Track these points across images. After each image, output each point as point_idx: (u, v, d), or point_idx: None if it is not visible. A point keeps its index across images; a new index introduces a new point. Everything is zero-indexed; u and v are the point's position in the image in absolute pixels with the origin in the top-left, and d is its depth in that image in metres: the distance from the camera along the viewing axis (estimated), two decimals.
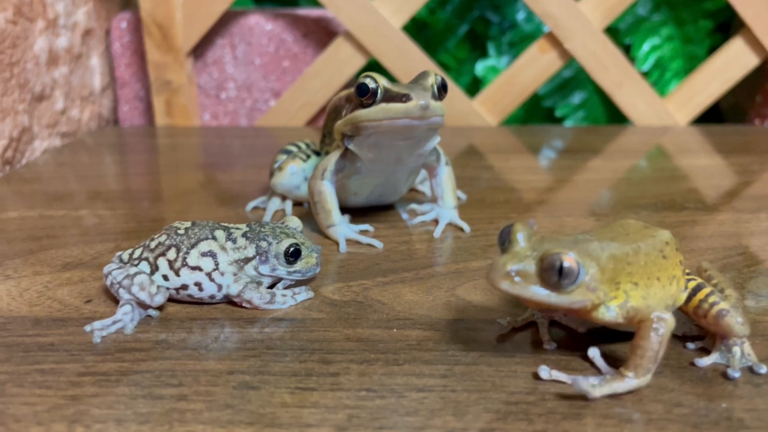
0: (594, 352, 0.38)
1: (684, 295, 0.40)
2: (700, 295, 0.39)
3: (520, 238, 0.36)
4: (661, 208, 0.67)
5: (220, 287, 0.45)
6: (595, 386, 0.35)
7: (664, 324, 0.35)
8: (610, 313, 0.36)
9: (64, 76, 0.96)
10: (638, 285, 0.37)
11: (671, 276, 0.38)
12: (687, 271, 0.41)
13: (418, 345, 0.41)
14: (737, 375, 0.37)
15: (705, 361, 0.38)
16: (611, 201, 0.72)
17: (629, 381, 0.35)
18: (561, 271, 0.34)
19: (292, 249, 0.46)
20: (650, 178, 0.80)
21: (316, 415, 0.35)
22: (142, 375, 0.38)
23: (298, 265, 0.47)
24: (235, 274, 0.46)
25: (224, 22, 1.04)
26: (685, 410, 0.35)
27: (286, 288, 0.48)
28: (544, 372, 0.37)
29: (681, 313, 0.41)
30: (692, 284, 0.40)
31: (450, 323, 0.44)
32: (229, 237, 0.46)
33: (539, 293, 0.35)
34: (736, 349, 0.38)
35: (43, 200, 0.70)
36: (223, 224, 0.48)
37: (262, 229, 0.47)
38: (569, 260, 0.34)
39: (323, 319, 0.45)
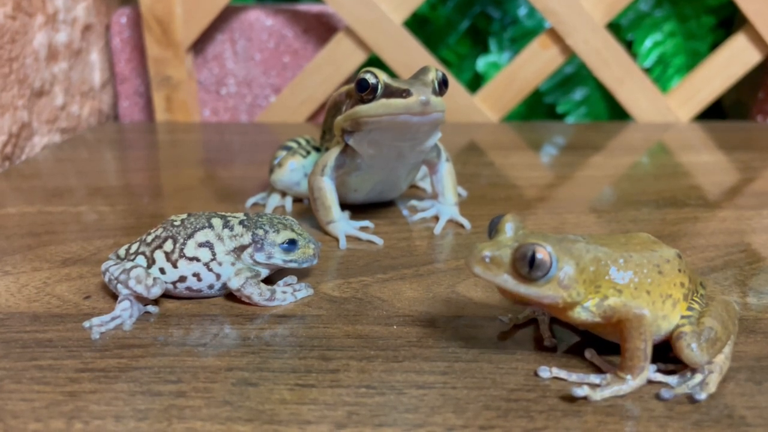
0: (590, 353, 0.38)
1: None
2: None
3: (508, 228, 0.37)
4: (662, 205, 0.67)
5: (218, 276, 0.45)
6: (596, 390, 0.35)
7: (643, 321, 0.35)
8: (586, 312, 0.36)
9: (64, 71, 0.96)
10: (622, 293, 0.36)
11: (665, 294, 0.37)
12: (696, 298, 0.39)
13: (418, 342, 0.41)
14: (668, 396, 0.35)
15: (663, 385, 0.36)
16: (612, 198, 0.71)
17: (629, 383, 0.35)
18: (532, 262, 0.34)
19: (288, 238, 0.46)
20: (652, 174, 0.80)
21: (316, 412, 0.34)
22: (141, 371, 0.38)
23: (295, 254, 0.46)
24: (233, 264, 0.45)
25: (224, 17, 1.04)
26: (687, 408, 0.34)
27: (286, 285, 0.48)
28: (545, 372, 0.37)
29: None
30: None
31: (450, 320, 0.44)
32: (226, 225, 0.46)
33: (508, 281, 0.35)
34: (699, 376, 0.36)
35: (42, 196, 0.70)
36: (220, 213, 0.48)
37: (260, 219, 0.47)
38: (542, 252, 0.34)
39: (323, 316, 0.44)
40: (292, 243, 0.46)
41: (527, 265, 0.34)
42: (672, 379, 0.36)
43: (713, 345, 0.36)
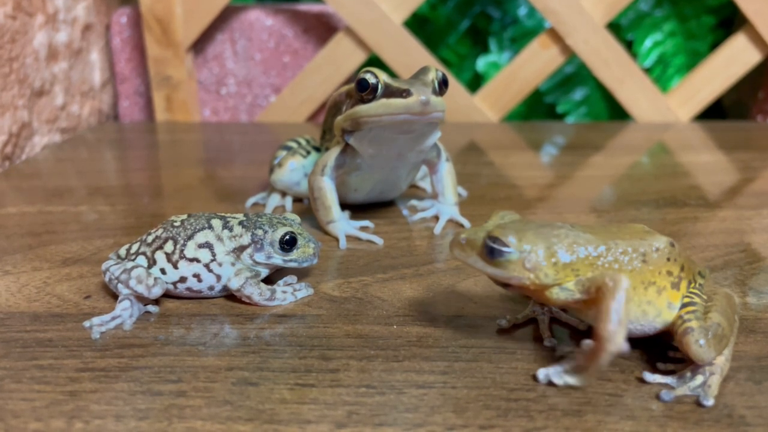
0: (543, 376, 0.38)
1: (675, 313, 0.37)
2: (682, 311, 0.37)
3: (499, 217, 0.39)
4: (662, 205, 0.67)
5: (218, 277, 0.45)
6: (567, 371, 0.36)
7: (619, 283, 0.34)
8: (565, 292, 0.36)
9: (64, 71, 0.96)
10: None
11: (647, 281, 0.37)
12: (694, 289, 0.39)
13: (418, 341, 0.41)
14: (668, 398, 0.35)
15: (663, 386, 0.36)
16: (613, 197, 0.71)
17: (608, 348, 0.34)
18: (492, 244, 0.36)
19: (287, 237, 0.46)
20: (652, 174, 0.80)
21: (316, 411, 0.34)
22: (141, 371, 0.38)
23: (295, 254, 0.46)
24: (233, 264, 0.45)
25: (224, 17, 1.04)
26: (686, 407, 0.34)
27: (286, 285, 0.48)
28: (542, 375, 0.37)
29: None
30: (686, 300, 0.38)
31: (450, 320, 0.44)
32: (226, 225, 0.46)
33: (477, 263, 0.37)
34: (700, 377, 0.36)
35: (42, 196, 0.70)
36: (220, 214, 0.48)
37: (259, 219, 0.47)
38: (501, 236, 0.36)
39: (323, 316, 0.45)
40: (291, 242, 0.46)
41: (489, 248, 0.36)
42: (672, 380, 0.36)
43: (720, 341, 0.36)
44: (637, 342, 0.39)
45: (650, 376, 0.36)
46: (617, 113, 1.15)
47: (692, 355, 0.35)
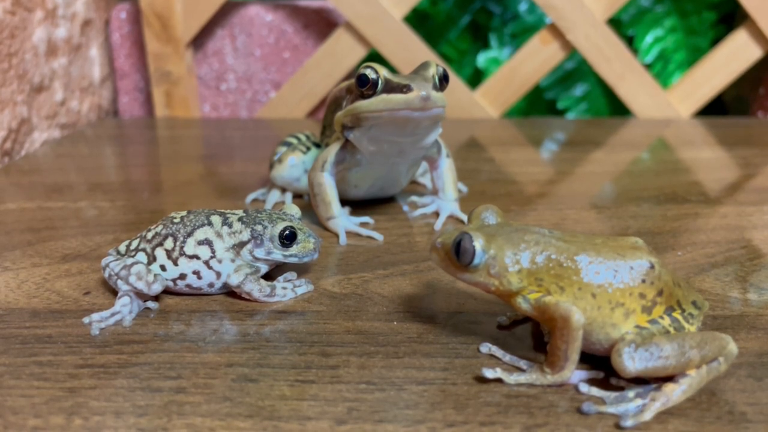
0: (486, 347, 0.39)
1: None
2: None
3: (483, 218, 0.39)
4: (663, 201, 0.67)
5: (218, 275, 0.45)
6: (512, 374, 0.36)
7: (567, 323, 0.34)
8: (526, 303, 0.36)
9: (64, 67, 0.96)
10: (564, 290, 0.35)
11: (615, 301, 0.35)
12: (678, 315, 0.36)
13: (418, 338, 0.41)
14: (588, 409, 0.34)
15: (588, 403, 0.34)
16: (613, 194, 0.71)
17: (547, 377, 0.36)
18: (458, 249, 0.36)
19: (287, 232, 0.45)
20: (652, 170, 0.80)
21: (316, 407, 0.34)
22: (141, 367, 0.38)
23: (295, 249, 0.46)
24: (233, 261, 0.45)
25: (224, 12, 1.04)
26: (687, 404, 0.34)
27: (286, 281, 0.48)
28: (489, 372, 0.36)
29: None
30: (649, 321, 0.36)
31: (450, 316, 0.44)
32: (225, 222, 0.46)
33: (448, 267, 0.38)
34: (638, 401, 0.34)
35: (42, 192, 0.70)
36: (219, 210, 0.47)
37: (259, 215, 0.47)
38: (467, 242, 0.36)
39: (323, 312, 0.44)
40: (291, 237, 0.46)
41: (455, 253, 0.36)
42: (608, 395, 0.35)
43: (653, 365, 0.33)
44: None
45: (585, 387, 0.35)
46: (618, 109, 1.15)
47: (612, 364, 0.34)
